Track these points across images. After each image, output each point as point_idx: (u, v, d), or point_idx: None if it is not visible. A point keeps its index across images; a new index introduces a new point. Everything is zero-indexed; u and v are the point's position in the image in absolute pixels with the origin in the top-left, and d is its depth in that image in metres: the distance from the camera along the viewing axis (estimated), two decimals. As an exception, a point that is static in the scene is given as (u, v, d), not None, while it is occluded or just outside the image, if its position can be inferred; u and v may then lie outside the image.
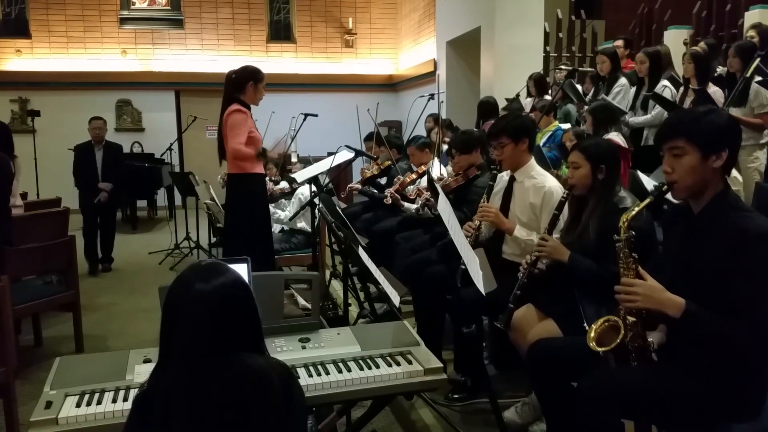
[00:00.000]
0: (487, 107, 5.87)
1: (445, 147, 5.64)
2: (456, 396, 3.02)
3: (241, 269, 2.04)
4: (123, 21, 11.08)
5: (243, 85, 4.05)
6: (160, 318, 1.45)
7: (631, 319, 1.84)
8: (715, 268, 1.74)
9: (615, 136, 4.10)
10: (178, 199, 9.19)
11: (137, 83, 11.01)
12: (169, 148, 7.76)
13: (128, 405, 1.79)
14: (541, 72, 6.72)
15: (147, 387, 1.43)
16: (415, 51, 11.08)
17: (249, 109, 4.08)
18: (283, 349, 2.09)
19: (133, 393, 1.84)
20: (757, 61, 4.11)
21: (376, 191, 5.64)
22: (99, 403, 1.81)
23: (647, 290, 1.77)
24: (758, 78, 4.12)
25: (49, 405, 1.78)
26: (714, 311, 1.71)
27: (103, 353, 3.15)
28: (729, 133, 1.81)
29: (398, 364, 2.04)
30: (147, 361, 2.04)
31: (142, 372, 1.94)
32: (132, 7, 11.16)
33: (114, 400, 1.83)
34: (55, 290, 3.96)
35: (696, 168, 1.78)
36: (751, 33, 5.13)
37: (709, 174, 1.79)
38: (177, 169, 9.97)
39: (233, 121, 3.97)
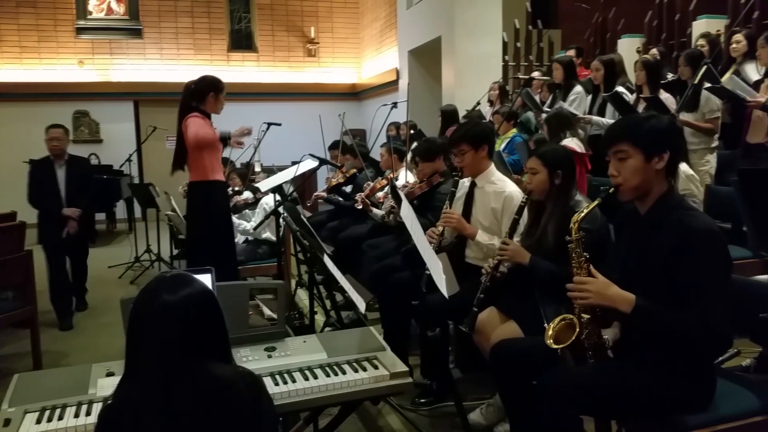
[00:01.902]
0: (450, 115, 5.96)
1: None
2: (422, 400, 3.05)
3: (206, 279, 2.04)
4: (80, 30, 10.87)
5: (203, 96, 4.02)
6: (125, 330, 1.45)
7: (585, 316, 1.91)
8: (663, 265, 1.82)
9: (571, 142, 4.21)
10: (138, 211, 9.04)
11: (95, 94, 10.80)
12: (128, 160, 7.64)
13: (92, 420, 1.76)
14: (501, 80, 6.86)
15: (113, 400, 1.42)
16: (378, 60, 11.15)
17: (209, 118, 4.06)
18: (249, 359, 2.09)
19: (96, 407, 1.81)
20: (705, 68, 4.27)
21: (341, 199, 5.67)
22: (60, 418, 1.78)
23: (598, 287, 1.84)
24: (707, 84, 4.28)
25: (7, 423, 1.74)
26: (664, 305, 1.78)
27: (64, 368, 3.08)
28: (669, 135, 1.91)
29: (364, 369, 2.06)
30: (110, 374, 2.02)
31: (105, 386, 1.92)
32: (89, 16, 10.94)
33: (76, 415, 1.80)
34: (11, 306, 3.80)
35: (640, 170, 1.87)
36: (701, 42, 5.35)
37: (653, 175, 1.88)
38: (136, 181, 9.81)
39: (193, 121, 3.92)
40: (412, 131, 5.84)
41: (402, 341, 3.32)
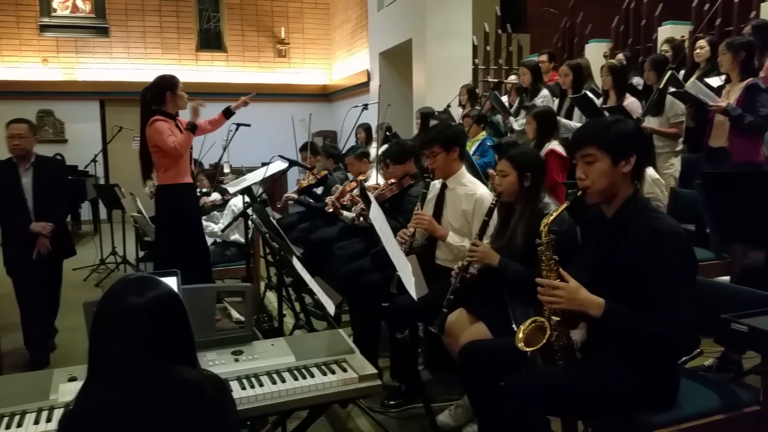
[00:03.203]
0: (429, 117, 5.99)
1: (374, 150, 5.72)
2: (392, 402, 3.05)
3: (171, 282, 2.01)
4: (43, 28, 10.62)
5: (162, 98, 3.97)
6: (89, 334, 1.42)
7: (555, 318, 1.93)
8: (631, 267, 1.85)
9: (556, 145, 4.26)
10: (103, 212, 8.86)
11: (59, 93, 10.57)
12: (94, 160, 7.49)
13: (52, 426, 1.73)
14: (471, 83, 6.91)
15: (74, 405, 1.38)
16: (349, 61, 11.14)
17: (173, 118, 4.01)
18: (216, 363, 2.06)
19: (58, 413, 1.77)
20: (669, 73, 4.36)
21: (312, 201, 5.64)
22: (20, 425, 1.74)
23: (570, 292, 1.86)
24: (672, 89, 4.37)
25: (-36, 430, 1.69)
26: (632, 307, 1.81)
27: (24, 373, 3.00)
28: (635, 139, 1.94)
29: (333, 372, 2.05)
30: (72, 379, 1.97)
31: (67, 391, 1.87)
32: (53, 14, 10.70)
33: (36, 422, 1.76)
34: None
35: (607, 173, 1.90)
36: (665, 47, 5.46)
37: (620, 179, 1.91)
38: (102, 182, 9.63)
39: (159, 127, 3.88)
40: (387, 133, 5.85)
41: (372, 343, 3.31)
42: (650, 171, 3.56)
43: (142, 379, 1.35)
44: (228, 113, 4.25)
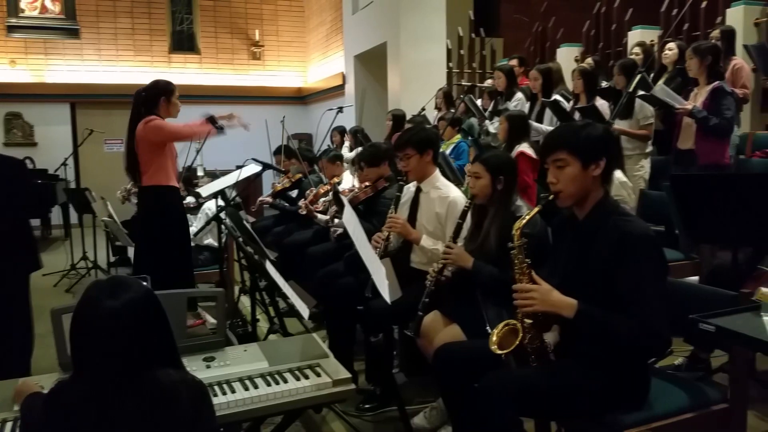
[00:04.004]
0: (401, 119, 6.00)
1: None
2: (367, 406, 3.04)
3: (141, 288, 1.98)
4: (11, 29, 10.39)
5: (155, 102, 3.93)
6: (69, 339, 1.42)
7: (528, 321, 1.94)
8: (602, 269, 1.87)
9: (525, 147, 4.29)
10: (74, 217, 8.71)
11: (28, 95, 10.35)
12: (64, 164, 7.36)
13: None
14: (446, 86, 6.95)
15: (50, 394, 1.39)
16: (324, 64, 11.11)
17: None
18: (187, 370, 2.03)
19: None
20: (639, 77, 4.43)
21: (287, 204, 5.61)
22: (-16, 437, 1.70)
23: (543, 294, 1.88)
24: (641, 92, 4.44)
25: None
26: (603, 309, 1.83)
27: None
28: (605, 143, 1.96)
29: (306, 377, 2.04)
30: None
31: (33, 401, 1.83)
32: (21, 14, 10.49)
33: (1, 433, 1.71)
34: None
35: (578, 177, 1.92)
36: (636, 50, 5.55)
37: (590, 182, 1.94)
38: (72, 185, 9.46)
39: (156, 125, 3.84)
40: (358, 135, 5.85)
41: (347, 347, 3.31)
42: (617, 173, 3.61)
43: (120, 381, 1.36)
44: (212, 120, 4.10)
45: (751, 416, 2.57)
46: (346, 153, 6.13)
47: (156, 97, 3.94)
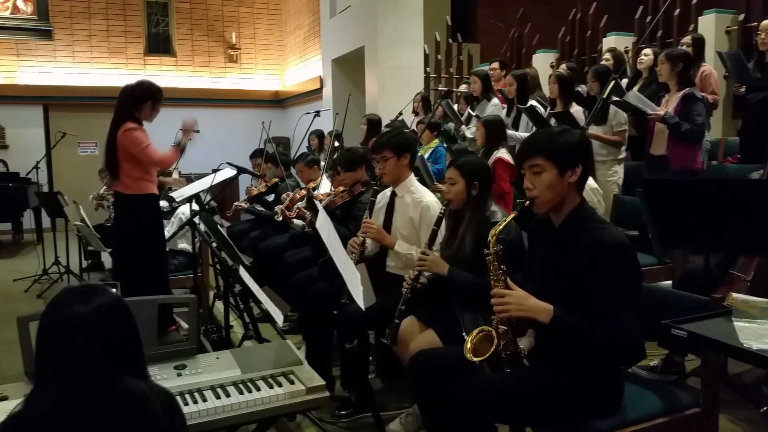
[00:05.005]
0: (375, 124, 5.99)
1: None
2: (343, 412, 3.01)
3: (110, 295, 1.93)
4: (-19, 29, 10.21)
5: (140, 103, 3.90)
6: (35, 346, 1.37)
7: (502, 327, 1.94)
8: (577, 276, 1.87)
9: (504, 153, 4.31)
10: (46, 221, 8.55)
11: (0, 97, 10.15)
12: (36, 167, 7.21)
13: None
14: (424, 91, 6.96)
15: (19, 408, 1.33)
16: (302, 68, 11.08)
17: (141, 125, 3.94)
18: (157, 378, 1.99)
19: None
20: (613, 83, 4.48)
21: (263, 209, 5.56)
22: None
23: (518, 299, 1.87)
24: (615, 98, 4.49)
25: None
26: (578, 315, 1.83)
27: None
28: (581, 150, 1.97)
29: (279, 385, 2.01)
30: (3, 398, 1.88)
31: (-3, 412, 1.78)
32: (-8, 15, 10.31)
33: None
34: None
35: (554, 183, 1.92)
36: (607, 56, 5.62)
37: (566, 189, 1.94)
38: (45, 189, 9.28)
39: (136, 138, 3.82)
40: (336, 142, 5.82)
41: (324, 352, 3.28)
42: (588, 180, 3.64)
43: (88, 389, 1.32)
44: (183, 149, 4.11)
45: (723, 420, 2.61)
46: (323, 157, 6.10)
47: (144, 97, 3.91)
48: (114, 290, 1.96)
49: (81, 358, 1.31)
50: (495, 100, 5.42)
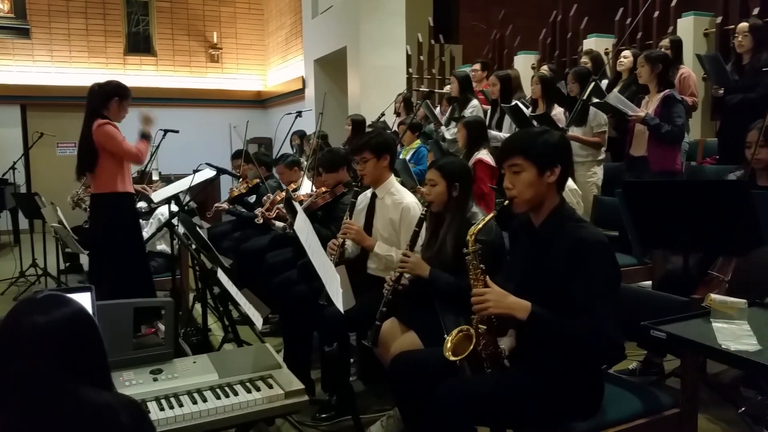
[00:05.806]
0: (360, 125, 5.96)
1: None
2: (323, 415, 2.99)
3: (84, 299, 1.89)
4: (-44, 27, 10.03)
5: (107, 101, 3.88)
6: None
7: (482, 327, 1.93)
8: (557, 275, 1.87)
9: (484, 155, 4.30)
10: (24, 222, 8.41)
11: (-24, 96, 10.00)
12: (13, 167, 7.10)
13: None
14: (406, 92, 6.95)
15: None
16: (284, 68, 11.02)
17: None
18: (132, 383, 1.96)
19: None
20: (593, 85, 4.50)
21: (244, 210, 5.51)
22: None
23: (496, 296, 1.87)
24: (595, 99, 4.51)
25: None
26: (559, 313, 1.82)
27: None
28: (560, 150, 1.97)
29: (258, 389, 1.98)
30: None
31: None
32: (-33, 13, 10.13)
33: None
34: None
35: (533, 183, 1.92)
36: (585, 59, 5.65)
37: (545, 188, 1.94)
38: (23, 190, 9.13)
39: (110, 131, 3.80)
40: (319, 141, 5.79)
41: (304, 355, 3.26)
42: (567, 181, 3.65)
43: (48, 403, 1.26)
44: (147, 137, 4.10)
45: (702, 420, 2.62)
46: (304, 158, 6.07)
47: (109, 96, 3.90)
48: (88, 294, 1.94)
49: (38, 369, 1.26)
50: (474, 102, 5.42)
